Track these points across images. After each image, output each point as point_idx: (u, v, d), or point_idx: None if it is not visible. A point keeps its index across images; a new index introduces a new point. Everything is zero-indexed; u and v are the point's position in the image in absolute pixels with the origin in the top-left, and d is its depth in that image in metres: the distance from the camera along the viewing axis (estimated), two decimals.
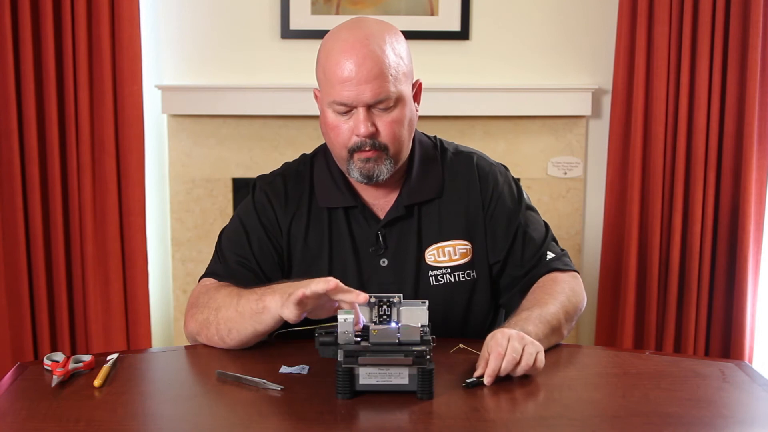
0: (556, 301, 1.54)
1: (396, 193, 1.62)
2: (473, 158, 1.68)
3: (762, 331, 2.97)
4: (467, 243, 1.63)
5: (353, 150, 1.53)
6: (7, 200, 2.76)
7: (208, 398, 1.32)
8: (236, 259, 1.62)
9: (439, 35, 2.95)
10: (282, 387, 1.32)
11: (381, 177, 1.55)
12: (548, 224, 1.71)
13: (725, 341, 2.96)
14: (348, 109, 1.51)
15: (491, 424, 1.22)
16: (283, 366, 1.40)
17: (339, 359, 1.27)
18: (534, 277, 1.63)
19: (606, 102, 3.03)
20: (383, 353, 1.27)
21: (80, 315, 2.86)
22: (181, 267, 3.01)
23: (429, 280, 1.61)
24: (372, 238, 1.61)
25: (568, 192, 3.07)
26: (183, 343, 1.60)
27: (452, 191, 1.64)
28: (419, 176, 1.63)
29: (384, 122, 1.52)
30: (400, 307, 1.31)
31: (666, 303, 2.95)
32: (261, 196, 1.66)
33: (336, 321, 1.30)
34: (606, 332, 3.03)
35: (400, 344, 1.28)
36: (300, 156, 1.73)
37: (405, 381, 1.28)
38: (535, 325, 1.45)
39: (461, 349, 1.48)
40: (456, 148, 1.70)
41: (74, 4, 2.70)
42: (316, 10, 2.89)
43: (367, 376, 1.28)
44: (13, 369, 1.41)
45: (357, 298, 1.33)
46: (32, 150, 2.73)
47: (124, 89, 2.76)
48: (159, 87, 2.90)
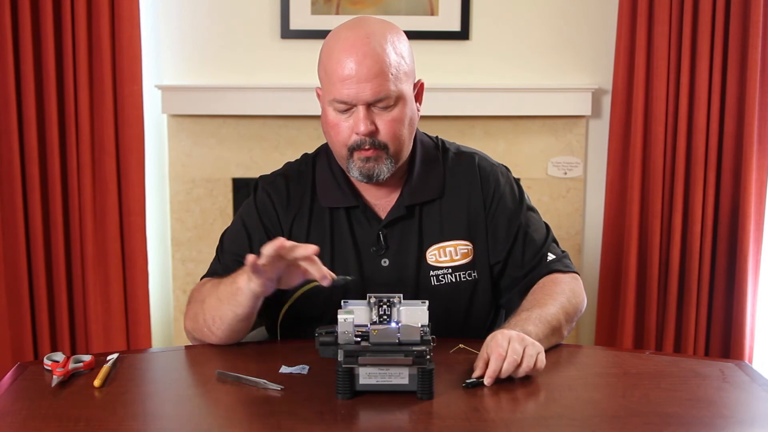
0: (557, 302, 1.54)
1: (397, 193, 1.62)
2: (475, 158, 1.68)
3: (762, 331, 2.97)
4: (468, 243, 1.63)
5: (353, 148, 1.53)
6: (7, 200, 2.76)
7: (208, 398, 1.32)
8: (236, 260, 1.62)
9: (439, 35, 2.95)
10: (282, 387, 1.32)
11: (381, 177, 1.55)
12: (549, 226, 1.71)
13: (725, 341, 2.96)
14: (348, 108, 1.52)
15: (491, 424, 1.22)
16: (283, 366, 1.40)
17: (339, 359, 1.27)
18: (534, 278, 1.63)
19: (606, 102, 3.03)
20: (383, 353, 1.27)
21: (80, 315, 2.86)
22: (181, 267, 3.01)
23: (430, 280, 1.61)
24: (373, 238, 1.61)
25: (568, 192, 3.07)
26: (183, 343, 1.60)
27: (454, 191, 1.64)
28: (420, 176, 1.63)
29: (384, 121, 1.52)
30: (400, 307, 1.31)
31: (666, 303, 2.95)
32: (263, 196, 1.66)
33: (333, 322, 1.31)
34: (606, 332, 3.03)
35: (400, 344, 1.28)
36: (302, 155, 1.73)
37: (405, 381, 1.28)
38: (536, 326, 1.45)
39: (461, 349, 1.48)
40: (458, 149, 1.70)
41: (74, 4, 2.70)
42: (316, 10, 2.89)
43: (367, 376, 1.28)
44: (13, 369, 1.41)
45: (306, 251, 1.34)
46: (32, 150, 2.73)
47: (124, 89, 2.76)
48: (159, 87, 2.90)
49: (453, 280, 1.61)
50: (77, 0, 2.69)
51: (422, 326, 1.30)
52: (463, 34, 2.96)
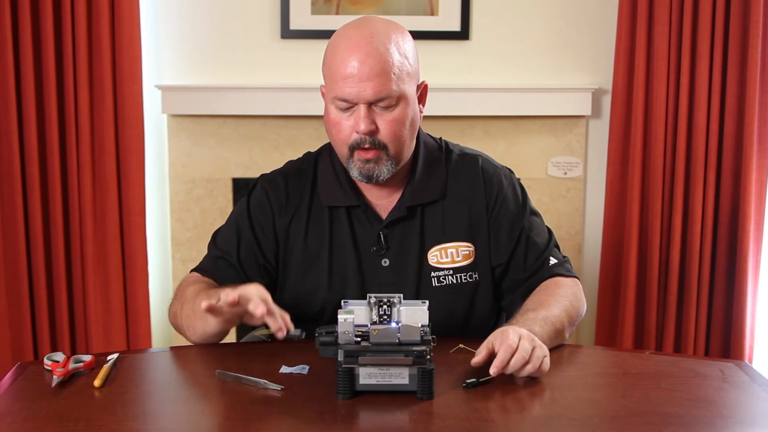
0: (560, 305, 1.54)
1: (399, 194, 1.62)
2: (478, 161, 1.68)
3: (762, 331, 2.97)
4: (470, 245, 1.62)
5: (353, 147, 1.53)
6: (7, 200, 2.75)
7: (208, 398, 1.32)
8: (222, 257, 1.65)
9: (439, 35, 2.95)
10: (282, 387, 1.32)
11: (381, 178, 1.55)
12: (551, 230, 1.71)
13: (725, 341, 2.96)
14: (350, 106, 1.52)
15: (491, 424, 1.22)
16: (284, 366, 1.40)
17: (339, 359, 1.27)
18: (536, 281, 1.63)
19: (606, 102, 3.03)
20: (383, 353, 1.27)
21: (80, 315, 2.86)
22: (181, 267, 3.01)
23: (431, 281, 1.61)
24: (374, 238, 1.61)
25: (568, 192, 3.07)
26: (183, 343, 1.60)
27: (456, 193, 1.64)
28: (422, 177, 1.63)
29: (385, 121, 1.52)
30: (401, 307, 1.31)
31: (666, 303, 2.95)
32: (260, 195, 1.66)
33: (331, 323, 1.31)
34: (606, 332, 3.03)
35: (401, 344, 1.28)
36: (304, 154, 1.73)
37: (405, 381, 1.28)
38: (542, 327, 1.45)
39: (461, 349, 1.48)
40: (461, 150, 1.70)
41: (74, 4, 2.70)
42: (316, 10, 2.89)
43: (368, 376, 1.28)
44: (14, 369, 1.41)
45: (258, 310, 1.34)
46: (32, 150, 2.73)
47: (124, 89, 2.76)
48: (159, 87, 2.90)
49: (454, 282, 1.61)
50: (77, 0, 2.69)
51: (422, 326, 1.29)
52: (463, 34, 2.96)
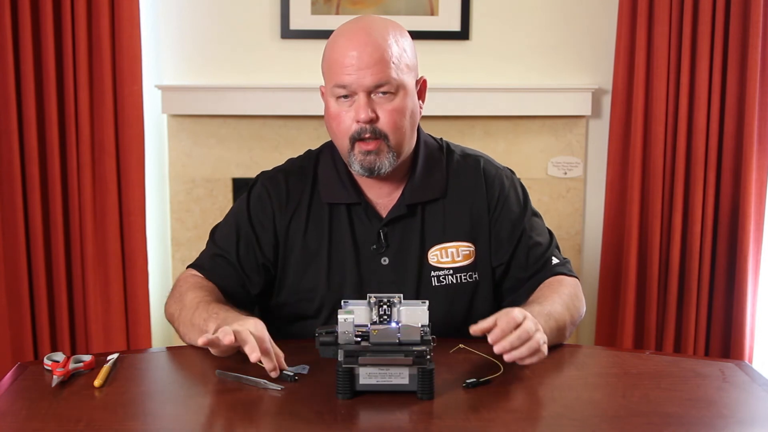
0: (563, 302, 1.55)
1: (399, 192, 1.62)
2: (480, 161, 1.68)
3: (762, 331, 2.97)
4: (470, 245, 1.62)
5: (354, 138, 1.53)
6: (7, 200, 2.76)
7: (208, 398, 1.32)
8: (220, 255, 1.65)
9: (439, 35, 2.95)
10: (282, 387, 1.32)
11: (382, 170, 1.54)
12: (552, 232, 1.71)
13: (725, 341, 2.96)
14: (349, 96, 1.52)
15: (491, 424, 1.22)
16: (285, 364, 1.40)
17: (339, 359, 1.27)
18: (539, 280, 1.63)
19: (606, 102, 3.03)
20: (383, 353, 1.27)
21: (80, 315, 2.86)
22: (181, 267, 3.01)
23: (431, 281, 1.61)
24: (374, 236, 1.61)
25: (568, 192, 3.07)
26: (183, 343, 1.60)
27: (457, 193, 1.64)
28: (422, 176, 1.63)
29: (385, 110, 1.52)
30: (401, 307, 1.31)
31: (666, 303, 2.95)
32: (260, 192, 1.66)
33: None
34: (606, 332, 3.03)
35: (401, 344, 1.28)
36: (305, 152, 1.73)
37: (405, 381, 1.28)
38: (546, 321, 1.45)
39: (461, 349, 1.48)
40: (463, 151, 1.70)
41: (74, 4, 2.70)
42: (316, 10, 2.89)
43: (368, 376, 1.28)
44: (14, 369, 1.41)
45: (254, 355, 1.31)
46: (32, 150, 2.73)
47: (124, 89, 2.76)
48: (159, 87, 2.90)
49: (454, 281, 1.61)
50: (77, 0, 2.69)
51: (422, 326, 1.29)
52: (463, 34, 2.96)
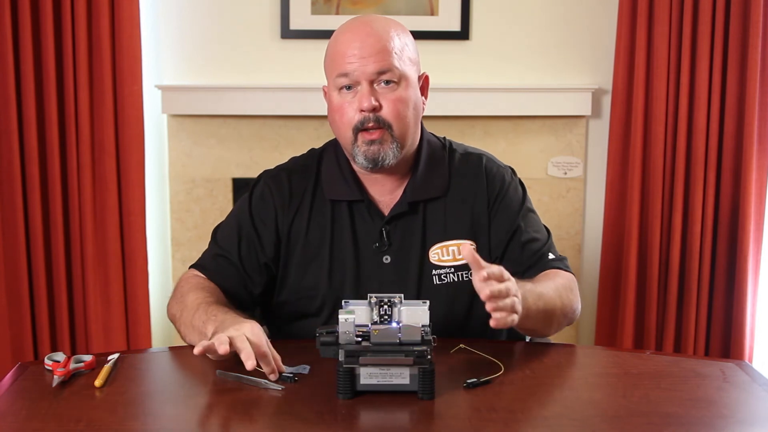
0: (556, 290, 1.54)
1: (401, 190, 1.63)
2: (482, 159, 1.68)
3: (762, 331, 2.97)
4: (472, 243, 1.62)
5: (358, 129, 1.54)
6: (7, 200, 2.75)
7: (208, 398, 1.32)
8: (222, 255, 1.66)
9: (439, 35, 2.95)
10: (282, 387, 1.32)
11: (386, 162, 1.55)
12: (549, 230, 1.71)
13: (725, 341, 2.96)
14: (351, 84, 1.53)
15: (492, 424, 1.22)
16: (284, 366, 1.40)
17: (340, 359, 1.28)
18: (533, 275, 1.62)
19: (606, 102, 3.03)
20: (384, 353, 1.27)
21: (80, 315, 2.86)
22: (181, 267, 3.01)
23: (432, 279, 1.61)
24: (376, 235, 1.61)
25: (568, 192, 3.07)
26: (183, 343, 1.60)
27: (459, 191, 1.64)
28: (425, 174, 1.63)
29: (388, 99, 1.53)
30: (401, 307, 1.31)
31: (666, 303, 2.95)
32: (263, 190, 1.67)
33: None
34: (606, 332, 3.03)
35: (401, 344, 1.28)
36: (308, 150, 1.73)
37: (406, 381, 1.28)
38: (535, 300, 1.44)
39: (462, 349, 1.48)
40: (465, 150, 1.70)
41: (74, 4, 2.70)
42: (316, 10, 2.89)
43: (368, 376, 1.28)
44: (14, 369, 1.41)
45: (249, 363, 1.31)
46: (32, 150, 2.73)
47: (124, 89, 2.76)
48: (159, 87, 2.90)
49: (455, 280, 1.61)
50: (77, 0, 2.69)
51: (423, 326, 1.29)
52: (463, 34, 2.96)
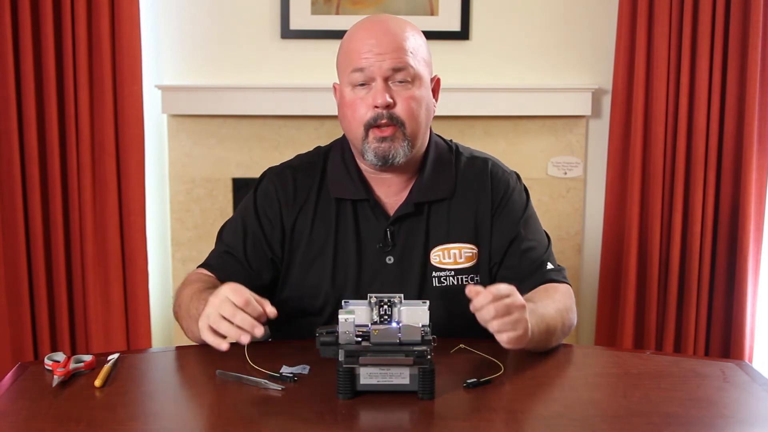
0: (557, 309, 1.53)
1: (407, 191, 1.62)
2: (488, 163, 1.68)
3: (762, 331, 2.97)
4: (474, 247, 1.62)
5: (369, 125, 1.53)
6: (7, 200, 2.76)
7: (209, 398, 1.32)
8: (228, 252, 1.65)
9: (439, 35, 2.95)
10: (282, 387, 1.32)
11: (397, 159, 1.54)
12: (550, 237, 1.71)
13: (725, 341, 2.96)
14: (366, 80, 1.53)
15: (492, 424, 1.22)
16: (284, 366, 1.40)
17: (340, 359, 1.27)
18: (531, 284, 1.61)
19: (606, 102, 3.03)
20: (384, 353, 1.27)
21: (80, 315, 2.86)
22: (181, 267, 3.01)
23: (432, 281, 1.60)
24: (380, 235, 1.61)
25: (568, 192, 3.07)
26: (183, 343, 1.60)
27: (464, 194, 1.64)
28: (431, 175, 1.63)
29: (402, 97, 1.53)
30: (401, 307, 1.31)
31: (666, 303, 2.95)
32: (268, 188, 1.66)
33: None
34: (606, 332, 3.03)
35: (401, 344, 1.28)
36: (314, 148, 1.73)
37: (406, 381, 1.28)
38: (537, 323, 1.44)
39: (462, 349, 1.48)
40: (471, 153, 1.70)
41: (74, 4, 2.70)
42: (316, 10, 2.89)
43: (368, 376, 1.28)
44: (14, 369, 1.41)
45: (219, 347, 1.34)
46: (32, 150, 2.73)
47: (124, 89, 2.76)
48: (159, 87, 2.90)
49: (455, 283, 1.61)
50: (77, 0, 2.69)
51: (423, 326, 1.29)
52: (463, 34, 2.96)
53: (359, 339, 1.29)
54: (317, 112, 2.90)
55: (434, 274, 1.61)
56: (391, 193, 1.63)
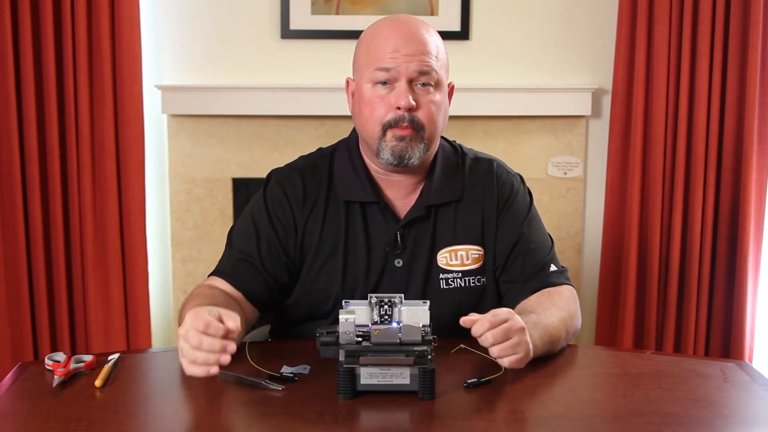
0: (560, 317, 1.53)
1: (416, 194, 1.62)
2: (493, 165, 1.68)
3: (762, 331, 2.97)
4: (480, 248, 1.62)
5: (388, 126, 1.52)
6: (7, 200, 2.76)
7: (209, 398, 1.32)
8: (243, 258, 1.61)
9: (439, 35, 2.94)
10: (282, 387, 1.32)
11: (412, 160, 1.53)
12: (553, 239, 1.71)
13: (725, 341, 2.96)
14: (389, 79, 1.52)
15: (492, 424, 1.22)
16: (285, 366, 1.40)
17: (340, 359, 1.28)
18: (534, 286, 1.62)
19: (606, 102, 3.03)
20: (384, 353, 1.27)
21: (80, 315, 2.86)
22: (181, 267, 3.01)
23: (439, 283, 1.60)
24: (390, 237, 1.60)
25: (568, 192, 3.07)
26: None
27: (471, 196, 1.63)
28: (441, 178, 1.62)
29: (424, 100, 1.53)
30: (401, 307, 1.31)
31: (666, 303, 2.95)
32: (276, 191, 1.63)
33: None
34: (606, 332, 3.03)
35: (402, 344, 1.28)
36: (317, 150, 1.70)
37: (406, 381, 1.28)
38: (540, 336, 1.43)
39: (462, 349, 1.48)
40: (476, 155, 1.70)
41: (74, 4, 2.70)
42: (316, 10, 2.89)
43: (369, 376, 1.28)
44: (15, 369, 1.41)
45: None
46: (32, 150, 2.73)
47: (124, 89, 2.76)
48: (159, 87, 2.90)
49: (462, 285, 1.61)
50: (77, 0, 2.69)
51: (423, 326, 1.30)
52: (463, 34, 2.96)
53: (359, 339, 1.29)
54: (317, 112, 2.90)
55: (441, 276, 1.60)
56: (400, 196, 1.62)
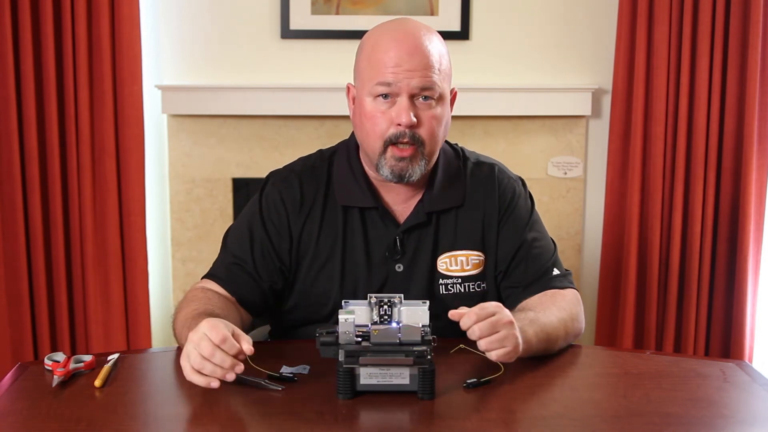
0: (560, 317, 1.53)
1: (416, 199, 1.60)
2: (494, 169, 1.67)
3: (762, 331, 2.97)
4: (481, 254, 1.61)
5: (389, 142, 1.50)
6: (7, 200, 2.75)
7: (208, 398, 1.32)
8: (235, 263, 1.61)
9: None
10: (282, 387, 1.32)
11: (413, 178, 1.53)
12: (555, 243, 1.70)
13: (725, 341, 2.96)
14: (390, 93, 1.49)
15: (492, 424, 1.22)
16: (284, 366, 1.40)
17: (340, 359, 1.28)
18: (536, 290, 1.61)
19: (606, 102, 3.03)
20: (384, 353, 1.27)
21: (80, 315, 2.86)
22: (181, 267, 3.01)
23: (439, 289, 1.59)
24: (390, 242, 1.59)
25: (568, 192, 3.07)
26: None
27: (471, 201, 1.62)
28: (443, 184, 1.61)
29: (426, 116, 1.51)
30: (401, 307, 1.30)
31: (666, 303, 2.95)
32: (273, 195, 1.62)
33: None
34: (606, 332, 3.03)
35: (401, 344, 1.28)
36: (317, 152, 1.69)
37: (406, 381, 1.28)
38: (536, 333, 1.43)
39: (462, 349, 1.48)
40: (477, 159, 1.68)
41: (74, 4, 2.70)
42: (316, 10, 2.89)
43: (368, 376, 1.28)
44: (14, 369, 1.41)
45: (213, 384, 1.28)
46: (32, 150, 2.73)
47: (124, 89, 2.76)
48: (159, 87, 2.90)
49: (462, 291, 1.60)
50: (77, 0, 2.69)
51: (423, 326, 1.29)
52: (463, 34, 2.96)
53: (359, 339, 1.29)
54: (317, 112, 2.90)
55: (441, 282, 1.59)
56: (399, 201, 1.60)
